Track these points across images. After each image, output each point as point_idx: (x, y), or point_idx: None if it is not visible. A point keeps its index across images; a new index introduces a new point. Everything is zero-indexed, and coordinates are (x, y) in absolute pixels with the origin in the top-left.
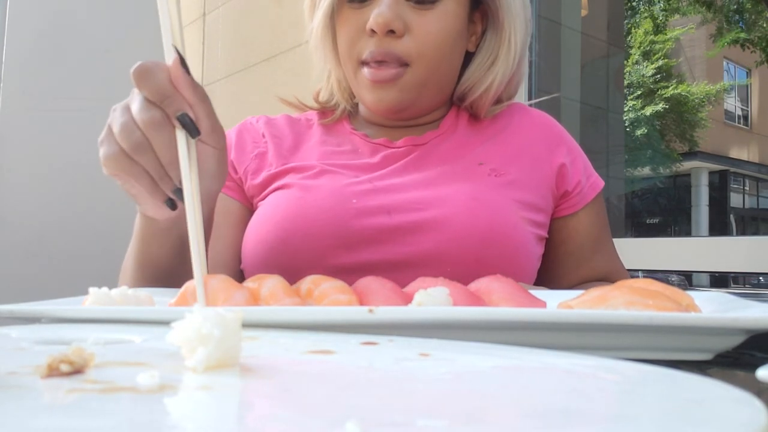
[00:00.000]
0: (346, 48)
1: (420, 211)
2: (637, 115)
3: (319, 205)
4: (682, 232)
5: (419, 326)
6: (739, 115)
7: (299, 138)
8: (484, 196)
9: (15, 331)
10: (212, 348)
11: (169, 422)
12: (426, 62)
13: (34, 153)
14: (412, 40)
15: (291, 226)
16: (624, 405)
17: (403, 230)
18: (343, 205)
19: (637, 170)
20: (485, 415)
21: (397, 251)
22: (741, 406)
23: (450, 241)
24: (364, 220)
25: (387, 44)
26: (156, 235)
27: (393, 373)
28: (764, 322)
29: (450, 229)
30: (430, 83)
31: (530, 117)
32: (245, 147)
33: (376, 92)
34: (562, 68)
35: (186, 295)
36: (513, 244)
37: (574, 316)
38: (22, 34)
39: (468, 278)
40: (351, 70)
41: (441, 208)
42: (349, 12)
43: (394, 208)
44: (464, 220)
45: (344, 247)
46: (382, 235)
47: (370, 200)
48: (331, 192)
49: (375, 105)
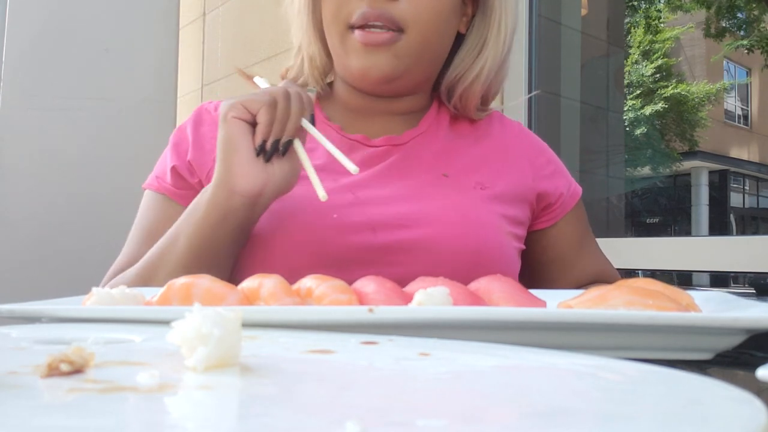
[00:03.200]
0: (333, 10)
1: (407, 228)
2: (637, 114)
3: (297, 220)
4: (682, 231)
5: (419, 326)
6: (739, 115)
7: None
8: (473, 213)
9: (15, 330)
10: (212, 347)
11: (169, 422)
12: (421, 29)
13: (34, 153)
14: (408, 2)
15: (265, 243)
16: (624, 405)
17: (389, 249)
18: (323, 219)
19: (637, 170)
20: (485, 415)
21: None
22: (741, 406)
23: (438, 264)
24: (347, 238)
25: (381, 5)
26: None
27: (393, 372)
28: (764, 322)
29: (438, 251)
30: (424, 53)
31: (510, 127)
32: (204, 143)
33: (367, 57)
34: (562, 68)
35: (168, 294)
36: (499, 265)
37: (574, 316)
38: (22, 34)
39: None
40: (337, 36)
41: (429, 226)
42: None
43: (379, 225)
44: (453, 240)
45: (325, 267)
46: (367, 254)
47: (353, 215)
48: (309, 204)
49: (364, 72)
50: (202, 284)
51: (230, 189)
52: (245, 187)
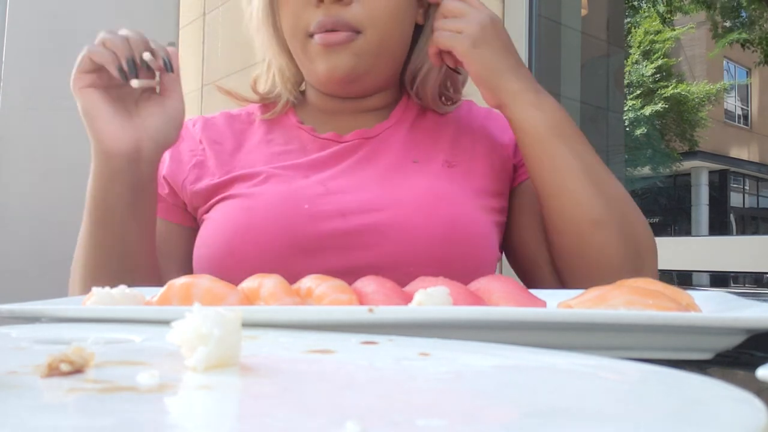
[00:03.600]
0: (291, 23)
1: (376, 211)
2: (637, 114)
3: (269, 212)
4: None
5: (419, 326)
6: (739, 115)
7: (240, 138)
8: (441, 190)
9: (15, 330)
10: (212, 347)
11: (169, 422)
12: (378, 29)
13: (34, 153)
14: (361, 6)
15: (240, 237)
16: (624, 404)
17: (360, 233)
18: (295, 210)
19: (637, 170)
20: (485, 415)
21: (357, 256)
22: (741, 406)
23: (409, 243)
24: (317, 225)
25: (336, 11)
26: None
27: (393, 372)
28: (764, 321)
29: (408, 230)
30: (384, 51)
31: (479, 111)
32: (182, 157)
33: (329, 58)
34: (562, 68)
35: (168, 294)
36: (474, 239)
37: (574, 316)
38: (22, 34)
39: None
40: (299, 45)
41: (398, 207)
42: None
43: (348, 211)
44: (423, 219)
45: (299, 255)
46: (338, 239)
47: (323, 204)
48: (280, 198)
49: (329, 73)
50: (202, 284)
51: (105, 152)
52: (118, 147)
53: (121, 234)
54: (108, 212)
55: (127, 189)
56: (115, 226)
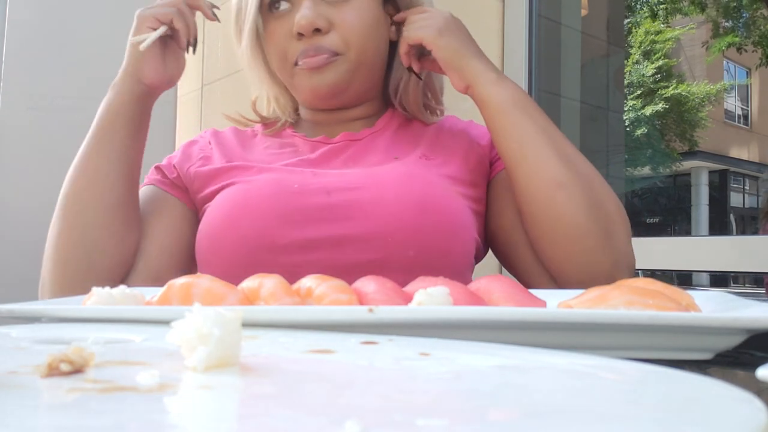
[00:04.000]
0: (278, 57)
1: (357, 189)
2: (638, 114)
3: (263, 191)
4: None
5: (419, 326)
6: (739, 115)
7: (243, 143)
8: (416, 172)
9: (15, 330)
10: (212, 347)
11: (169, 421)
12: (355, 49)
13: (34, 153)
14: (337, 33)
15: (237, 212)
16: (624, 404)
17: (342, 207)
18: (286, 189)
19: (637, 170)
20: (485, 415)
21: (338, 227)
22: (741, 406)
23: (386, 215)
24: (304, 199)
25: (316, 41)
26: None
27: (393, 372)
28: (764, 321)
29: (385, 204)
30: (362, 66)
31: (460, 122)
32: (191, 154)
33: (313, 78)
34: (562, 68)
35: (168, 294)
36: (447, 212)
37: (574, 316)
38: (22, 34)
39: (409, 248)
40: (287, 75)
41: (376, 186)
42: (275, 24)
43: (333, 189)
44: (398, 192)
45: (286, 226)
46: (322, 213)
47: (311, 184)
48: (273, 180)
49: (314, 91)
50: (202, 284)
51: (143, 82)
52: (159, 80)
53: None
54: (111, 137)
55: (136, 114)
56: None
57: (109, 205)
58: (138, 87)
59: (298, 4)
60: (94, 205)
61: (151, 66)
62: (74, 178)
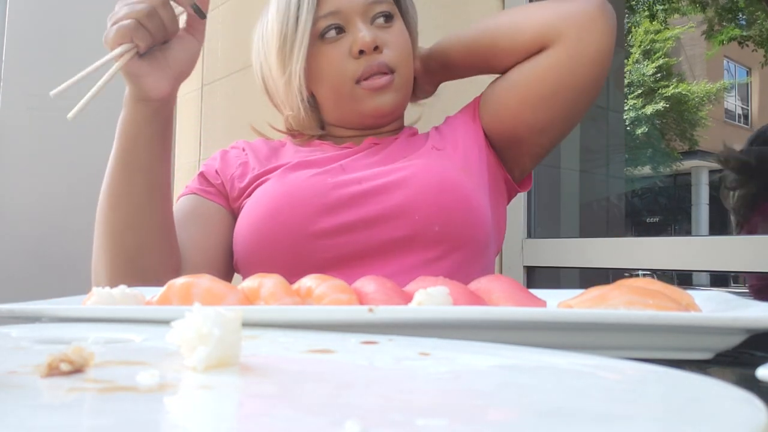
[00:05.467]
0: (336, 75)
1: (385, 177)
2: (638, 114)
3: (301, 184)
4: (682, 231)
5: (419, 325)
6: (740, 114)
7: (275, 151)
8: (432, 161)
9: (15, 330)
10: (212, 347)
11: (169, 421)
12: (404, 66)
13: (34, 153)
14: (390, 51)
15: (277, 203)
16: (624, 404)
17: (373, 192)
18: (321, 182)
19: (637, 169)
20: (485, 415)
21: (371, 209)
22: (741, 406)
23: (413, 195)
24: (339, 190)
25: (376, 58)
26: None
27: (393, 372)
28: (764, 321)
29: (411, 185)
30: (408, 84)
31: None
32: (229, 161)
33: (378, 98)
34: None
35: (168, 294)
36: (464, 191)
37: (574, 315)
38: (22, 34)
39: (434, 223)
40: (347, 93)
41: (402, 172)
42: (328, 49)
43: (364, 179)
44: (421, 176)
45: (324, 214)
46: (355, 199)
47: (344, 177)
48: (309, 176)
49: (377, 110)
50: (202, 284)
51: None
52: (159, 94)
53: (145, 178)
54: (136, 155)
55: (157, 130)
56: (141, 168)
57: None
58: (146, 104)
59: (351, 29)
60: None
61: (146, 80)
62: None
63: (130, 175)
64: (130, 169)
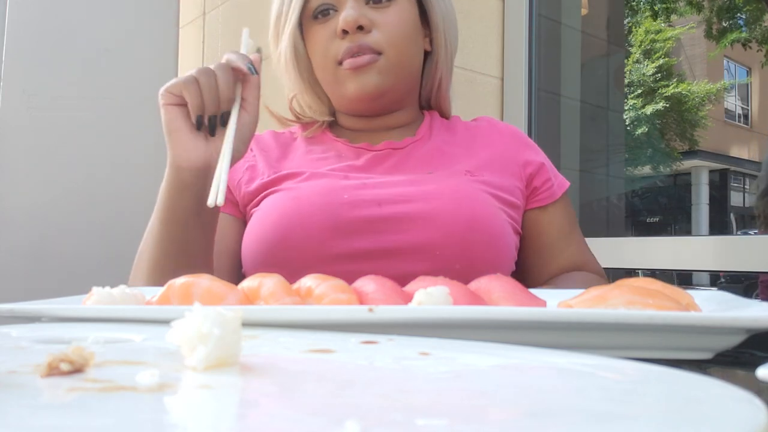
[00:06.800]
0: (321, 56)
1: (408, 203)
2: (638, 113)
3: (313, 200)
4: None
5: (419, 325)
6: (740, 114)
7: (285, 149)
8: (464, 190)
9: (15, 330)
10: (212, 347)
11: (169, 421)
12: (395, 49)
13: (34, 153)
14: (379, 33)
15: (288, 221)
16: (624, 404)
17: (394, 220)
18: (336, 199)
19: (637, 169)
20: (485, 415)
21: (389, 239)
22: (741, 405)
23: (437, 230)
24: (355, 211)
25: (359, 39)
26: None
27: (393, 372)
28: (764, 321)
29: (436, 219)
30: (402, 69)
31: (499, 128)
32: (237, 166)
33: (357, 79)
34: (562, 67)
35: (168, 294)
36: (493, 231)
37: (574, 315)
38: (22, 34)
39: (457, 261)
40: (330, 73)
41: (427, 201)
42: (318, 28)
43: (384, 200)
44: (449, 210)
45: (338, 237)
46: (374, 225)
47: (362, 195)
48: (323, 189)
49: (358, 92)
50: (202, 284)
51: (177, 166)
52: (190, 162)
53: (185, 239)
54: (175, 220)
55: (195, 201)
56: (180, 232)
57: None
58: (183, 174)
59: (342, 8)
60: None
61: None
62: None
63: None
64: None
